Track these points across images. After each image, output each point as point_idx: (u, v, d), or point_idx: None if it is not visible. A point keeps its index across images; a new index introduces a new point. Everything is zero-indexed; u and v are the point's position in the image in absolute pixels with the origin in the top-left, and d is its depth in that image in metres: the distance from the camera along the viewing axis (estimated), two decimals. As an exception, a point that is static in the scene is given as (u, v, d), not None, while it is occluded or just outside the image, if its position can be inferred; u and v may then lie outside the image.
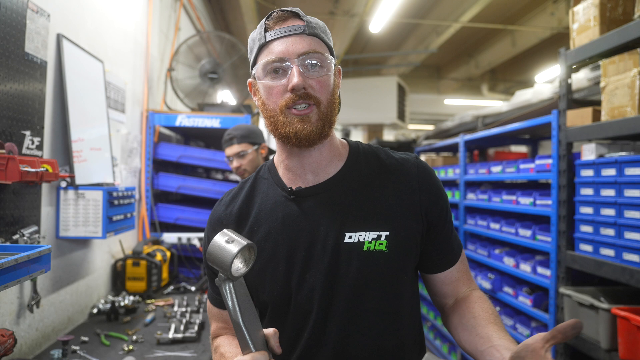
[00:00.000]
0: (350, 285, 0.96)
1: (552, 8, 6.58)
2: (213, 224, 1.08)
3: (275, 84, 0.94)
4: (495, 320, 0.95)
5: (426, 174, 1.04)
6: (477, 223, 3.84)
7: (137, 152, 3.01)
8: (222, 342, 1.06)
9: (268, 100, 0.96)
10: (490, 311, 0.98)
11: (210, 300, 1.13)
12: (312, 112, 0.93)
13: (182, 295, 2.63)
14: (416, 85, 10.93)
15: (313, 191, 1.00)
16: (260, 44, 0.95)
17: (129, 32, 2.80)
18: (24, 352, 1.68)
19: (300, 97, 0.92)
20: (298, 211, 0.99)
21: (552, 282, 2.66)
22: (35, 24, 1.70)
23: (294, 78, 0.90)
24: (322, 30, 0.98)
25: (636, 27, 1.97)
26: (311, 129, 0.93)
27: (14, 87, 1.57)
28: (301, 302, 0.97)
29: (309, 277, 0.97)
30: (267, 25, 0.95)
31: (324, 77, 0.95)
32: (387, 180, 1.02)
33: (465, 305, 1.02)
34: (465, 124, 5.75)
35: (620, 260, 2.08)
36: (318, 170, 1.01)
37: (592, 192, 2.28)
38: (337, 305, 0.96)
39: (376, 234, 0.96)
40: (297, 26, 0.93)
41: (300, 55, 0.92)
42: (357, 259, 0.96)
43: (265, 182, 1.07)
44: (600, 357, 2.16)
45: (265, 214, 1.02)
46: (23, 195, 1.64)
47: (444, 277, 1.08)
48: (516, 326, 3.15)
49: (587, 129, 2.34)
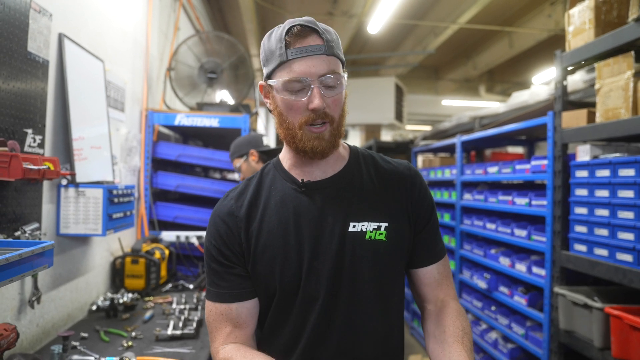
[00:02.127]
0: (353, 272, 1.04)
1: (549, 10, 6.62)
2: (223, 217, 1.09)
3: (295, 101, 0.99)
4: (462, 340, 1.00)
5: (417, 177, 1.17)
6: (474, 223, 3.87)
7: (136, 150, 3.03)
8: (232, 355, 0.99)
9: (287, 114, 1.01)
10: (460, 328, 1.03)
11: (213, 299, 1.08)
12: (326, 130, 1.01)
13: (181, 293, 2.65)
14: (414, 86, 10.96)
15: (321, 185, 1.08)
16: (281, 61, 0.98)
17: (129, 31, 2.82)
18: (24, 347, 1.70)
19: (319, 116, 0.99)
20: (308, 202, 1.07)
21: (547, 282, 2.69)
22: (38, 23, 1.72)
23: (315, 99, 0.97)
24: (337, 44, 1.03)
25: (630, 30, 2.00)
26: (325, 145, 1.02)
27: (17, 86, 1.59)
28: (309, 289, 1.03)
29: (317, 264, 1.03)
30: (287, 42, 0.97)
31: (339, 95, 1.02)
32: (383, 179, 1.13)
33: (441, 316, 1.09)
34: (462, 125, 5.78)
35: (613, 260, 2.11)
36: (326, 168, 1.10)
37: (587, 193, 2.31)
38: (342, 290, 1.04)
39: (377, 224, 1.06)
40: (318, 46, 0.98)
41: (320, 77, 0.98)
42: (360, 246, 1.05)
43: (271, 178, 1.13)
44: (593, 355, 2.19)
45: (275, 206, 1.08)
46: (25, 193, 1.66)
47: (423, 275, 1.14)
48: (511, 325, 3.18)
49: (582, 130, 2.37)
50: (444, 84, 11.40)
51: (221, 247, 1.08)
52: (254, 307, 1.09)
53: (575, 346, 2.37)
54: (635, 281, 1.95)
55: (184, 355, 1.74)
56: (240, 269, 1.07)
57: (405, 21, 6.79)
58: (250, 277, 1.07)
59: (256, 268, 1.05)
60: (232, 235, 1.07)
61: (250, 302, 1.08)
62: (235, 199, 1.11)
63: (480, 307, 3.73)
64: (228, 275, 1.07)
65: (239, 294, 1.07)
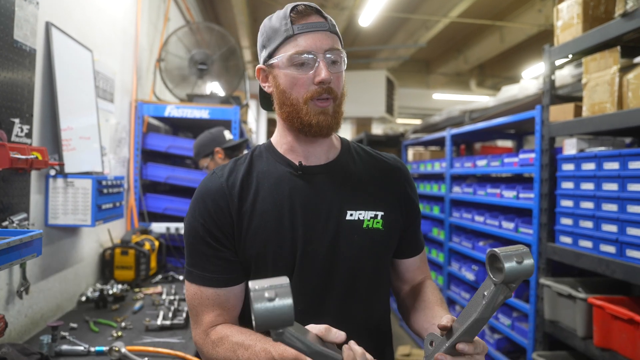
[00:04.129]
0: (349, 259, 1.04)
1: (540, 5, 6.66)
2: (212, 194, 1.03)
3: (300, 75, 0.99)
4: (441, 304, 1.07)
5: (407, 172, 1.20)
6: (462, 216, 3.91)
7: (125, 142, 3.01)
8: (227, 332, 0.98)
9: (292, 90, 1.00)
10: (438, 297, 1.11)
11: (200, 283, 1.02)
12: (330, 105, 1.01)
13: (170, 284, 2.65)
14: (405, 80, 10.98)
15: (318, 170, 1.08)
16: (288, 35, 0.99)
17: (118, 21, 2.79)
18: (13, 337, 1.70)
19: (325, 90, 0.99)
20: (304, 186, 1.05)
21: (533, 273, 2.73)
22: (24, 11, 1.70)
23: (322, 72, 0.97)
24: (336, 28, 1.05)
25: (616, 25, 2.03)
26: (331, 121, 1.01)
27: (3, 75, 1.58)
28: (303, 274, 1.02)
29: (311, 250, 1.02)
30: (292, 18, 0.99)
31: (341, 73, 1.03)
32: (376, 170, 1.14)
33: (419, 290, 1.15)
34: (452, 119, 5.81)
35: (597, 252, 2.15)
36: (321, 155, 1.09)
37: (573, 186, 2.34)
38: (337, 277, 1.04)
39: (374, 213, 1.07)
40: (321, 23, 1.00)
41: (326, 51, 0.99)
42: (357, 234, 1.05)
43: (262, 161, 1.09)
44: (576, 344, 2.24)
45: (269, 188, 1.04)
46: (12, 183, 1.65)
47: (408, 264, 1.20)
48: (498, 316, 3.23)
49: (569, 124, 2.40)
50: (435, 77, 11.43)
51: (211, 228, 1.01)
52: (241, 291, 1.05)
53: (559, 336, 2.42)
54: (617, 272, 1.99)
55: (173, 345, 1.75)
56: (229, 254, 1.02)
57: (396, 14, 6.79)
58: (239, 262, 1.03)
59: (246, 251, 1.01)
60: (223, 215, 1.01)
61: (238, 287, 1.04)
62: (226, 177, 1.05)
63: (468, 298, 3.78)
64: (216, 260, 1.01)
65: (227, 279, 1.02)
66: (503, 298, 0.80)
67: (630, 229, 1.96)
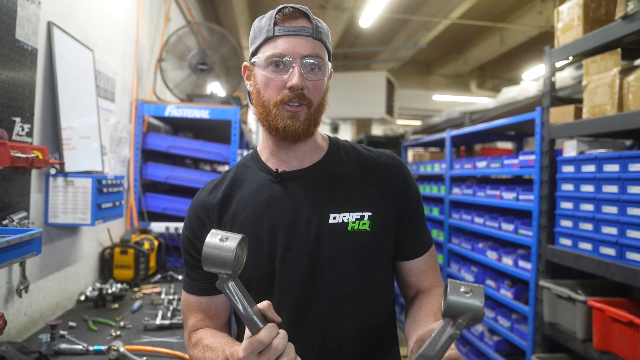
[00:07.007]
0: (334, 264, 1.01)
1: (541, 7, 6.66)
2: (196, 209, 1.08)
3: (274, 78, 0.98)
4: (436, 315, 0.98)
5: (401, 166, 1.14)
6: (462, 217, 3.91)
7: (126, 141, 3.01)
8: (204, 335, 1.02)
9: (264, 91, 1.00)
10: (436, 305, 1.01)
11: (186, 290, 1.10)
12: (302, 112, 0.99)
13: (170, 283, 2.65)
14: (405, 81, 10.98)
15: (297, 175, 1.06)
16: (268, 36, 0.99)
17: (119, 21, 2.79)
18: (12, 335, 1.70)
19: (297, 96, 0.97)
20: (283, 192, 1.04)
21: (533, 275, 2.73)
22: (26, 10, 1.70)
23: (294, 78, 0.96)
24: (326, 34, 1.03)
25: (617, 27, 2.03)
26: (299, 127, 0.99)
27: (5, 74, 1.58)
28: (284, 281, 1.01)
29: (292, 256, 1.01)
30: (277, 19, 0.98)
31: (320, 81, 1.01)
32: (365, 169, 1.10)
33: (420, 298, 1.08)
34: (452, 120, 5.80)
35: (597, 254, 2.15)
36: (302, 158, 1.07)
37: (573, 188, 2.34)
38: (321, 283, 1.01)
39: (359, 214, 1.03)
40: (305, 28, 0.98)
41: (303, 57, 0.97)
42: (342, 238, 1.01)
43: (248, 169, 1.11)
44: (575, 347, 2.24)
45: (249, 197, 1.05)
46: (12, 181, 1.65)
47: (409, 267, 1.13)
48: (497, 318, 3.23)
49: (569, 126, 2.41)
50: (435, 79, 11.43)
51: (193, 240, 1.06)
52: (225, 301, 1.07)
53: (559, 338, 2.42)
54: (617, 274, 1.99)
55: (172, 345, 1.75)
56: None
57: (397, 15, 6.80)
58: None
59: None
60: (203, 228, 1.05)
61: (220, 297, 1.06)
62: (210, 191, 1.09)
63: (467, 300, 3.77)
64: (199, 269, 1.03)
65: (208, 288, 1.05)
66: (448, 337, 0.73)
67: (630, 231, 1.96)
